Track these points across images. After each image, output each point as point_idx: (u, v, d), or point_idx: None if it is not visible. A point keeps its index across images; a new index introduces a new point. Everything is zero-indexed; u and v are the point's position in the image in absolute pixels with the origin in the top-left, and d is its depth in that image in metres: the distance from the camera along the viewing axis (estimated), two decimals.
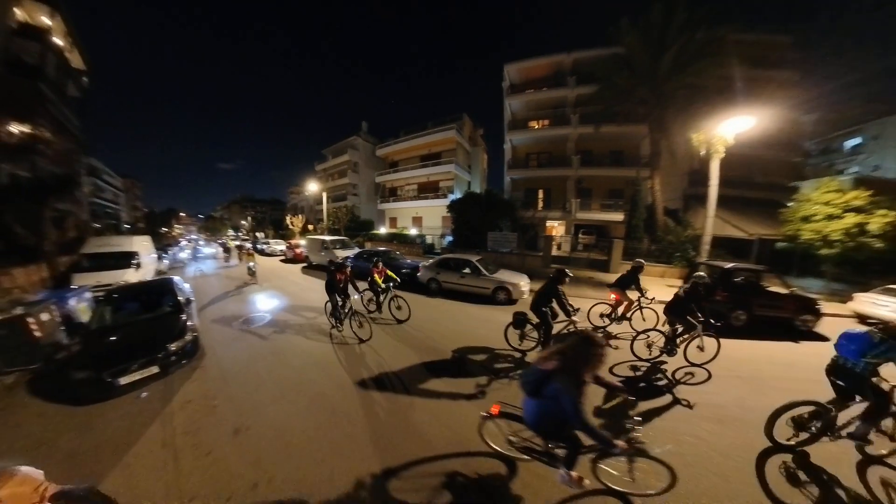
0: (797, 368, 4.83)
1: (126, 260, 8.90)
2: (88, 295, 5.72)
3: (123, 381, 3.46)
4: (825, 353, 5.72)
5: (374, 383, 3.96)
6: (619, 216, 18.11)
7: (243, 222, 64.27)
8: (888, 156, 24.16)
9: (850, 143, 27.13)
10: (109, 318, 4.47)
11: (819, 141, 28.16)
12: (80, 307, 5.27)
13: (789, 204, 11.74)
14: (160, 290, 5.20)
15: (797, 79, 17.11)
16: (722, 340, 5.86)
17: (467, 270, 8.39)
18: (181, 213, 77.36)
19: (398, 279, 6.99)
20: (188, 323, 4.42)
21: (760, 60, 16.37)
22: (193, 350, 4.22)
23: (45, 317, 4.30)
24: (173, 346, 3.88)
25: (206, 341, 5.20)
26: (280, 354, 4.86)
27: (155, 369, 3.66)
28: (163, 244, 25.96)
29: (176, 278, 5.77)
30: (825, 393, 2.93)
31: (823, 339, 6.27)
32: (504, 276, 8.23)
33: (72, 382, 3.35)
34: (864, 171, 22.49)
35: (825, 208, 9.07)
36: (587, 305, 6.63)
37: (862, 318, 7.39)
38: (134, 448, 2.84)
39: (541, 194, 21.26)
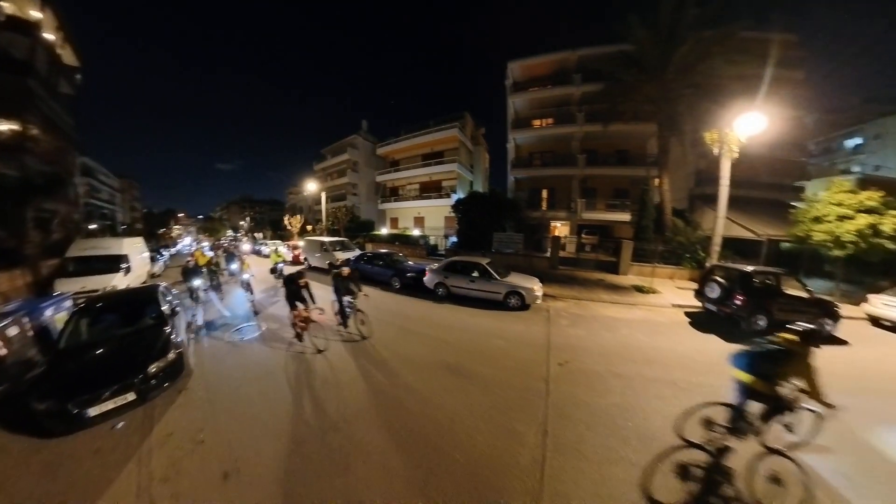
0: (826, 375, 4.56)
1: (114, 263, 8.42)
2: (68, 303, 5.22)
3: (93, 411, 2.98)
4: (850, 358, 5.33)
5: (391, 410, 3.48)
6: (624, 216, 17.77)
7: (242, 223, 63.66)
8: (889, 155, 24.03)
9: (851, 142, 27.08)
10: (82, 333, 3.98)
11: (820, 141, 28.03)
12: (59, 317, 4.80)
13: (796, 204, 11.44)
14: (144, 300, 4.69)
15: (802, 77, 16.85)
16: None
17: (476, 274, 7.97)
18: (180, 214, 76.57)
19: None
20: (172, 338, 3.92)
21: (767, 59, 16.10)
22: (178, 370, 3.72)
23: (12, 331, 3.81)
24: (153, 368, 3.40)
25: (194, 357, 4.67)
26: (276, 374, 4.35)
27: (131, 396, 3.17)
28: (159, 245, 25.44)
29: (162, 285, 5.30)
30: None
31: (843, 342, 6.15)
32: (516, 279, 7.81)
33: (33, 414, 2.88)
34: (866, 171, 22.35)
35: (837, 209, 8.82)
36: None
37: (875, 321, 7.19)
38: (106, 494, 2.40)
39: (545, 194, 20.88)
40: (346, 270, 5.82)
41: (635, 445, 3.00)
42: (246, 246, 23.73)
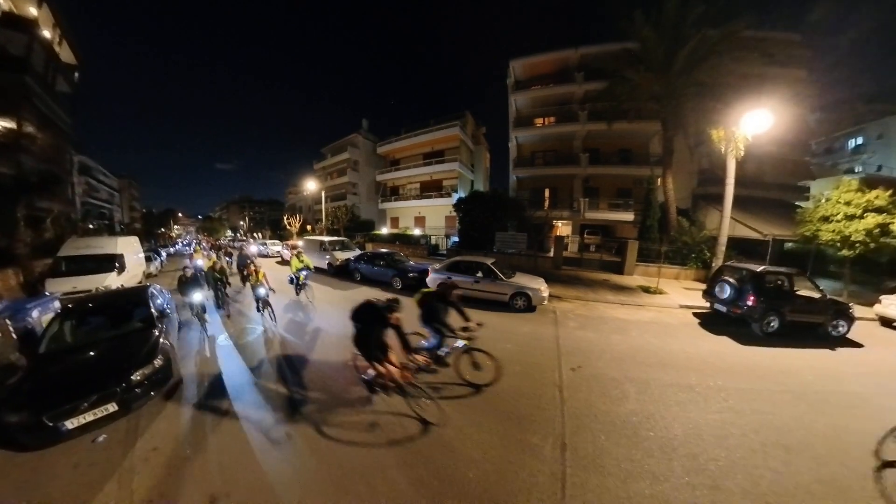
0: (846, 381, 4.53)
1: (108, 263, 8.15)
2: (56, 304, 4.97)
3: (71, 424, 2.73)
4: (868, 361, 5.10)
5: (393, 422, 3.22)
6: (627, 216, 17.63)
7: (241, 223, 63.43)
8: (892, 155, 23.94)
9: (853, 142, 27.03)
10: (64, 337, 3.72)
11: (822, 140, 27.94)
12: (45, 319, 4.57)
13: (801, 203, 11.33)
14: (133, 301, 4.43)
15: (805, 76, 16.74)
16: (760, 349, 5.56)
17: (481, 274, 7.75)
18: (179, 214, 76.38)
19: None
20: (161, 342, 3.67)
21: (770, 58, 16.00)
22: (165, 377, 3.46)
23: None
24: (137, 376, 3.14)
25: (183, 361, 4.41)
26: (272, 381, 4.09)
27: (112, 407, 2.91)
28: (157, 245, 25.23)
29: (153, 286, 5.05)
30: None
31: (858, 345, 6.05)
32: (522, 280, 7.61)
33: (5, 426, 2.64)
34: (868, 171, 22.26)
35: (845, 208, 8.70)
36: None
37: (886, 322, 7.06)
38: None
39: (547, 193, 20.69)
40: (455, 292, 3.97)
41: (659, 457, 2.80)
42: (254, 248, 18.19)
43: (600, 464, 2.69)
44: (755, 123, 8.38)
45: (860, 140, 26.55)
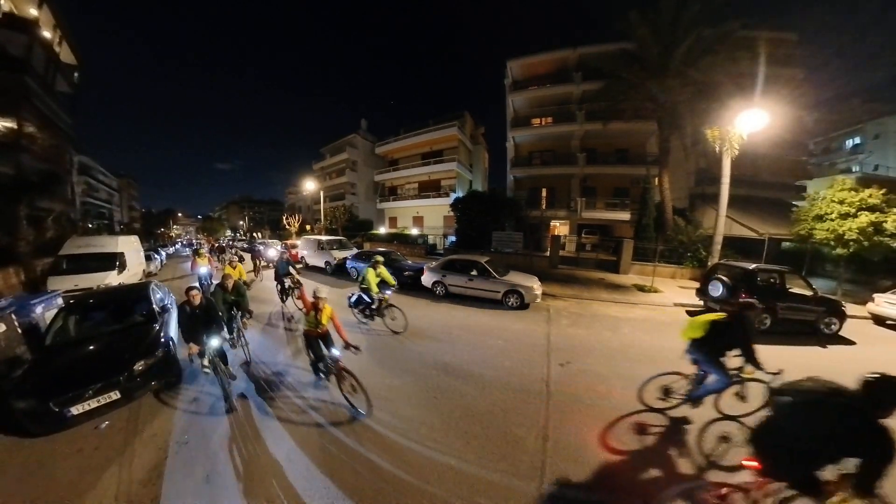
0: (836, 378, 4.46)
1: (109, 261, 8.28)
2: (59, 301, 5.11)
3: (76, 410, 2.88)
4: (858, 358, 5.13)
5: (381, 411, 3.33)
6: (624, 215, 17.72)
7: (241, 223, 63.56)
8: (889, 154, 24.04)
9: (851, 142, 27.10)
10: (69, 330, 3.86)
11: (819, 140, 27.99)
12: (48, 315, 4.69)
13: (797, 203, 11.46)
14: (134, 297, 4.58)
15: (802, 76, 16.79)
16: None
17: (475, 273, 7.87)
18: (179, 214, 76.50)
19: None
20: (161, 336, 3.81)
21: (767, 57, 16.05)
22: (165, 369, 3.60)
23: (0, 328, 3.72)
24: (139, 366, 3.29)
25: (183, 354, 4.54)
26: (271, 372, 4.22)
27: (115, 395, 3.06)
28: (157, 244, 25.43)
29: (155, 282, 5.18)
30: None
31: (850, 342, 6.08)
32: (515, 278, 7.72)
33: (13, 413, 2.78)
34: (865, 170, 22.34)
35: (839, 207, 8.79)
36: None
37: (879, 320, 7.15)
38: (85, 496, 2.30)
39: (544, 193, 20.80)
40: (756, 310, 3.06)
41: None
42: (273, 251, 14.28)
43: (580, 457, 2.77)
44: (750, 122, 8.40)
45: (858, 140, 26.65)
